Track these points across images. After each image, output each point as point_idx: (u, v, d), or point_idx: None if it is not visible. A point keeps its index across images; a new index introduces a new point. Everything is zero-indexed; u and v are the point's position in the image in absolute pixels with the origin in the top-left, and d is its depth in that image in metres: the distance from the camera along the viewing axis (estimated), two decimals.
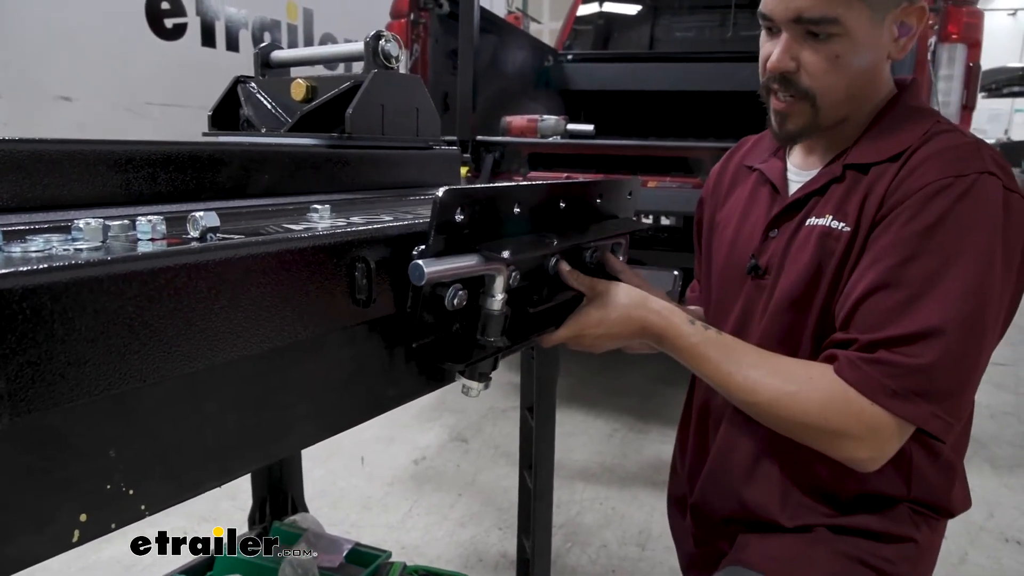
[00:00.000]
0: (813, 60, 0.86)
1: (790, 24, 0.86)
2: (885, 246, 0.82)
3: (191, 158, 0.76)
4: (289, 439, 0.66)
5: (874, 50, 0.87)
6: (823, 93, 0.88)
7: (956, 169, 0.81)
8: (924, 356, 0.77)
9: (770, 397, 0.84)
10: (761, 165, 1.04)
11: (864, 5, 0.83)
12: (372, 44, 0.99)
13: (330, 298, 0.62)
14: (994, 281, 0.79)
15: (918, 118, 0.90)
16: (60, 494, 0.48)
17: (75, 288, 0.43)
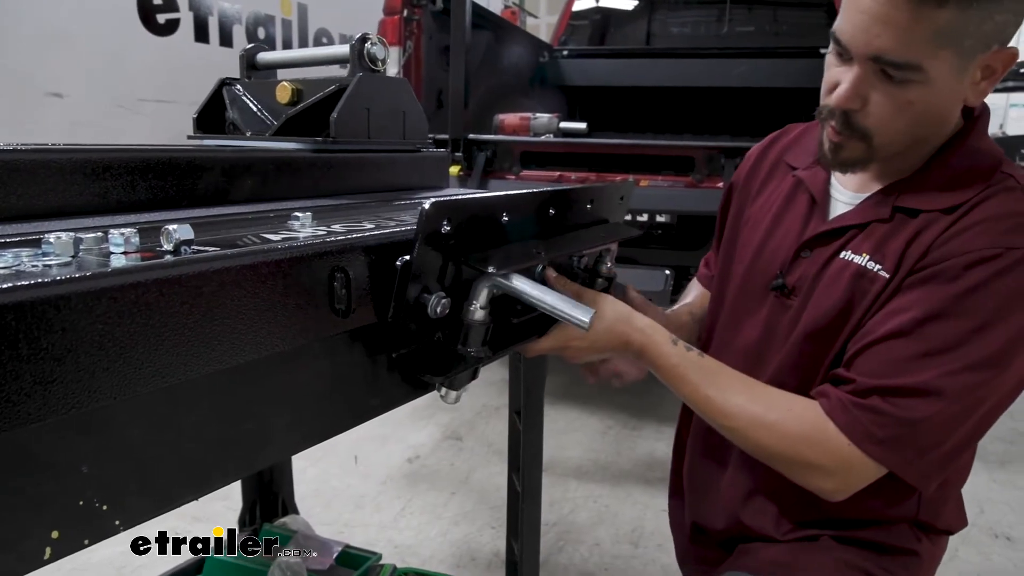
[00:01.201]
0: (882, 103, 0.80)
1: (866, 61, 0.78)
2: (916, 299, 0.79)
3: (171, 165, 0.75)
4: (269, 450, 0.65)
5: (952, 96, 0.81)
6: (881, 136, 0.82)
7: (1009, 241, 0.77)
8: (915, 412, 0.77)
9: (747, 423, 0.85)
10: (803, 173, 0.98)
11: (952, 53, 0.75)
12: (357, 47, 0.98)
13: (308, 309, 0.62)
14: (1018, 360, 0.77)
15: (981, 165, 0.84)
16: (31, 512, 0.47)
17: (42, 307, 0.42)
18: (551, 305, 0.75)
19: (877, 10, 0.74)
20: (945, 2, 0.71)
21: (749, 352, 0.98)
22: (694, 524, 1.08)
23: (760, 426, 0.84)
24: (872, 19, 0.75)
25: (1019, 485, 2.39)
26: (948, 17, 0.72)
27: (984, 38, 0.76)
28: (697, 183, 2.11)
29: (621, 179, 2.18)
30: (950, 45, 0.74)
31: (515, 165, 2.31)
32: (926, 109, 0.80)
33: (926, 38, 0.73)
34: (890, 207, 0.86)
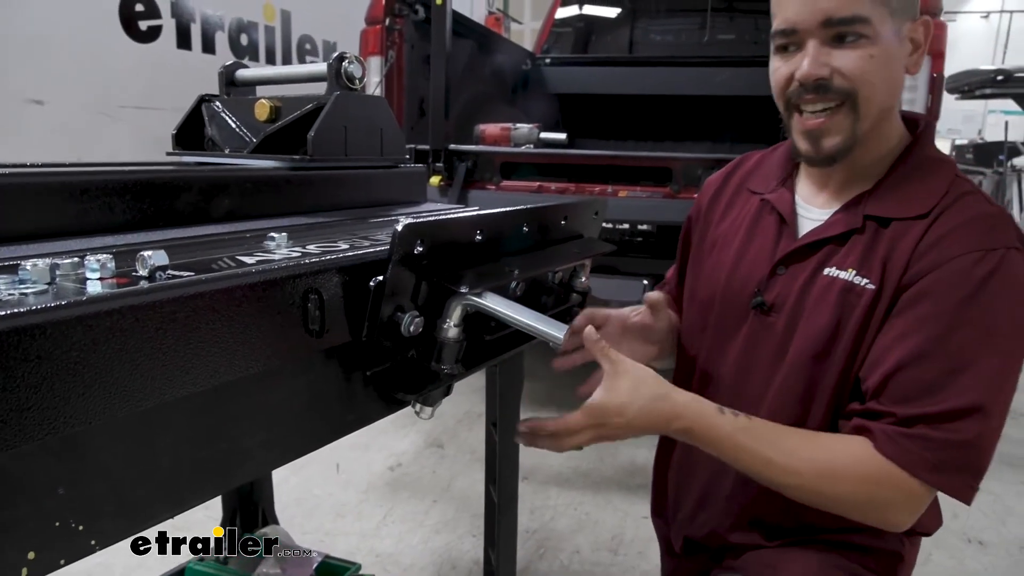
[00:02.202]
0: (847, 62, 0.84)
1: (818, 29, 0.84)
2: (920, 317, 0.82)
3: (149, 186, 0.77)
4: (245, 468, 0.67)
5: (899, 59, 0.87)
6: (864, 94, 0.85)
7: (987, 242, 0.81)
8: (966, 432, 0.80)
9: (813, 477, 0.84)
10: (771, 195, 1.01)
11: (887, 12, 0.84)
12: (335, 66, 0.99)
13: (283, 330, 0.63)
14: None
15: (937, 170, 0.89)
16: (7, 533, 0.48)
17: (18, 336, 0.43)
18: (524, 323, 0.76)
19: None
20: None
21: (738, 371, 0.99)
22: (685, 539, 1.09)
23: (826, 477, 0.84)
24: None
25: (993, 491, 2.43)
26: None
27: (904, 3, 0.85)
28: (675, 194, 2.15)
29: (600, 189, 2.21)
30: (883, 1, 0.83)
31: (496, 175, 2.33)
32: (885, 65, 0.85)
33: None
34: (860, 216, 0.89)
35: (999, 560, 2.04)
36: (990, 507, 2.32)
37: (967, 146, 10.92)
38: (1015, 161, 9.03)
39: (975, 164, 10.29)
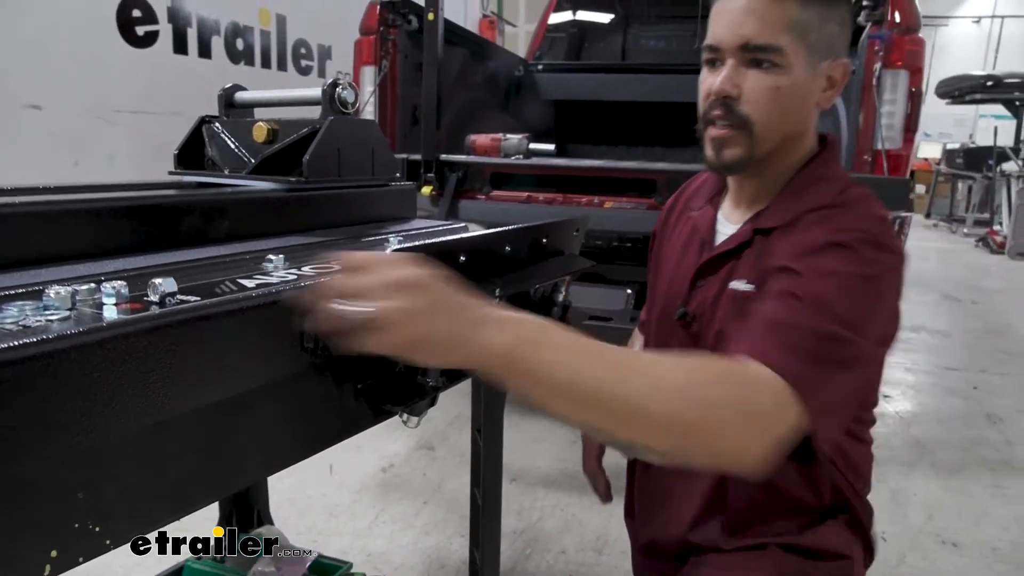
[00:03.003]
0: (754, 87, 0.91)
1: (737, 51, 0.91)
2: (771, 288, 0.86)
3: (156, 209, 0.82)
4: (244, 473, 0.73)
5: (807, 94, 0.94)
6: (760, 121, 0.92)
7: (837, 236, 0.85)
8: (820, 324, 0.79)
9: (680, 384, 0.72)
10: (695, 214, 1.09)
11: (802, 47, 0.90)
12: (329, 91, 1.05)
13: (280, 348, 0.69)
14: (876, 325, 0.84)
15: (823, 187, 0.95)
16: (33, 534, 0.54)
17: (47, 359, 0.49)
18: None
19: (741, 5, 0.90)
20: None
21: None
22: (648, 541, 1.16)
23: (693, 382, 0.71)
24: (738, 13, 0.90)
25: (970, 492, 2.50)
26: (795, 7, 0.89)
27: (825, 43, 0.92)
28: (659, 205, 2.21)
29: (586, 200, 2.27)
30: (800, 36, 0.89)
31: (486, 186, 2.38)
32: (789, 98, 0.92)
33: (781, 24, 0.89)
34: (751, 230, 0.97)
35: (972, 562, 2.10)
36: (965, 509, 2.39)
37: (958, 150, 11.05)
38: (1004, 166, 9.15)
39: (965, 169, 10.43)
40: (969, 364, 4.04)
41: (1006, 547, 2.16)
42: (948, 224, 10.83)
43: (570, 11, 5.07)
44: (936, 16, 13.99)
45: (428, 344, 0.61)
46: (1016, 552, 2.13)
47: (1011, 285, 6.78)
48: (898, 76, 2.26)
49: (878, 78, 2.26)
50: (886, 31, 2.25)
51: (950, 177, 11.19)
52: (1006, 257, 8.16)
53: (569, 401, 0.66)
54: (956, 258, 8.35)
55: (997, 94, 9.20)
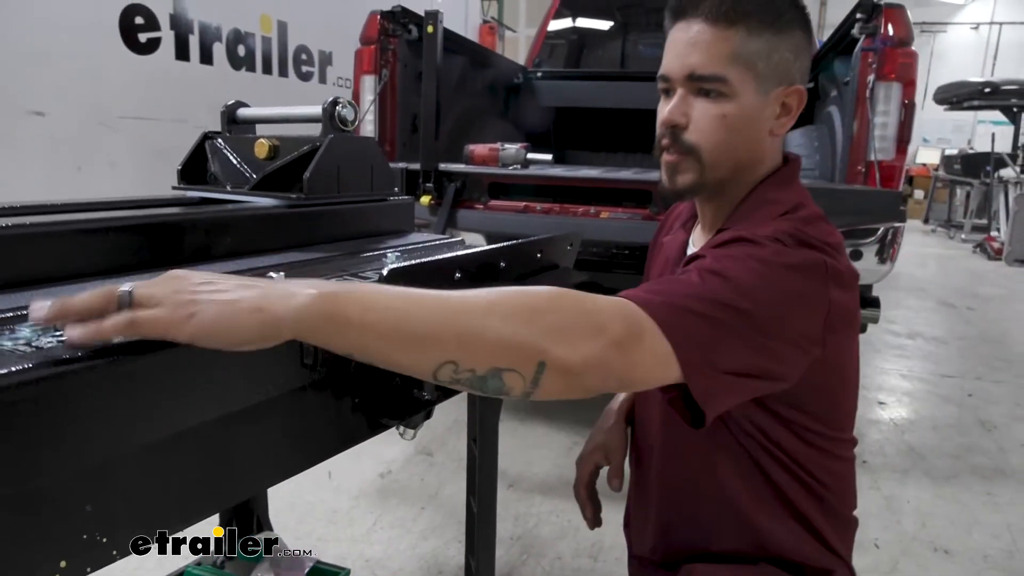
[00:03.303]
0: (701, 116, 0.94)
1: (685, 81, 0.94)
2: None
3: (161, 227, 0.85)
4: (245, 486, 0.75)
5: (757, 120, 0.95)
6: (708, 150, 0.94)
7: (757, 228, 0.86)
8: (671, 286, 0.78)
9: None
10: (667, 237, 1.13)
11: (750, 75, 0.92)
12: (329, 110, 1.08)
13: (281, 364, 0.72)
14: (780, 318, 0.81)
15: (771, 207, 0.95)
16: (43, 544, 0.56)
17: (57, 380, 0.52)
18: None
19: (687, 36, 0.92)
20: (734, 24, 0.90)
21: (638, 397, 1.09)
22: (644, 552, 1.17)
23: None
24: (684, 44, 0.93)
25: (962, 500, 2.53)
26: (740, 39, 0.90)
27: (775, 70, 0.93)
28: (654, 215, 2.24)
29: (583, 210, 2.30)
30: (746, 65, 0.91)
31: (484, 195, 2.41)
32: (738, 126, 0.93)
33: (726, 55, 0.91)
34: (708, 248, 0.96)
35: (964, 569, 2.13)
36: (957, 516, 2.41)
37: (956, 156, 11.10)
38: (1001, 172, 9.19)
39: (963, 174, 10.47)
40: (965, 371, 4.07)
41: (997, 554, 2.18)
42: (946, 230, 10.87)
43: (570, 18, 5.11)
44: (935, 22, 14.05)
45: (218, 316, 0.57)
46: (1007, 559, 2.16)
47: (1008, 292, 6.81)
48: (891, 88, 2.29)
49: (871, 90, 2.29)
50: (879, 43, 2.28)
51: (948, 183, 11.23)
52: (1003, 263, 8.18)
53: (390, 340, 0.61)
54: (953, 264, 8.39)
55: (994, 101, 9.24)
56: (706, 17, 0.91)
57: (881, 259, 2.35)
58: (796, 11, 0.95)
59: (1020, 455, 2.92)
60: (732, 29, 0.90)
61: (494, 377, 0.65)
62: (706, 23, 0.91)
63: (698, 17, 0.92)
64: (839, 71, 2.80)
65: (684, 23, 0.93)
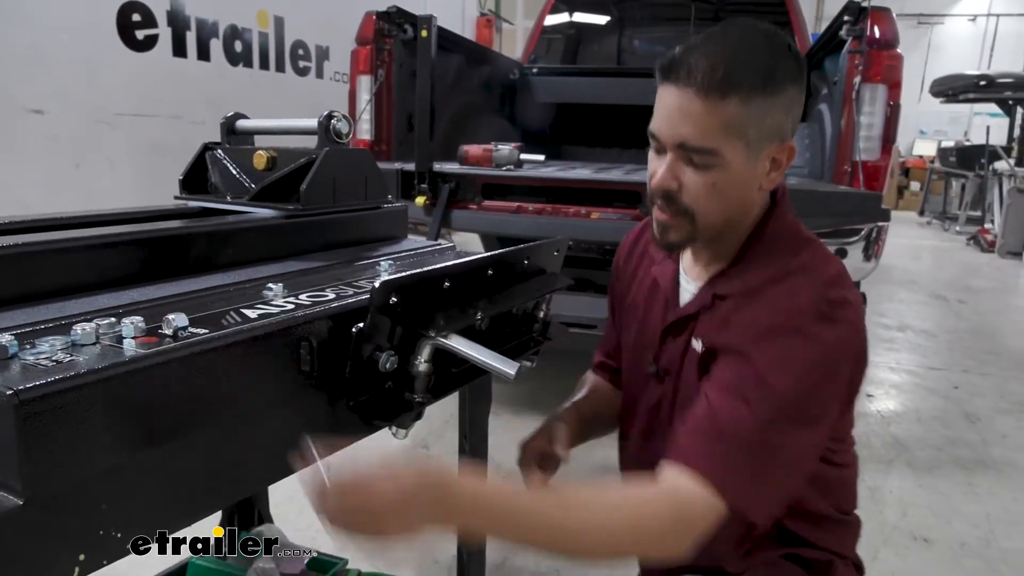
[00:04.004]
0: (693, 184, 0.93)
1: (675, 148, 0.93)
2: (721, 371, 0.91)
3: (165, 240, 0.90)
4: (246, 484, 0.81)
5: (748, 181, 0.95)
6: (701, 214, 0.95)
7: (794, 321, 0.89)
8: (742, 425, 0.86)
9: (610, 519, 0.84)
10: (656, 268, 1.12)
11: (741, 143, 0.91)
12: (324, 123, 1.13)
13: (280, 371, 0.77)
14: (816, 408, 0.89)
15: (776, 249, 0.98)
16: (65, 540, 0.62)
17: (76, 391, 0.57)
18: (481, 360, 0.90)
19: (678, 105, 0.91)
20: (726, 96, 0.88)
21: (642, 434, 1.12)
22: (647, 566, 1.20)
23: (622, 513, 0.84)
24: (675, 112, 0.92)
25: (943, 491, 2.59)
26: (732, 110, 0.89)
27: (767, 132, 0.92)
28: (643, 216, 2.29)
29: (574, 211, 2.35)
30: (738, 135, 0.91)
31: (477, 196, 2.46)
32: (729, 191, 0.94)
33: (717, 127, 0.90)
34: (710, 296, 1.00)
35: (942, 557, 2.19)
36: (940, 506, 2.48)
37: (951, 149, 11.14)
38: (996, 165, 9.24)
39: (958, 167, 10.51)
40: (952, 364, 4.13)
41: (974, 542, 2.25)
42: (941, 222, 10.92)
43: (566, 12, 5.14)
44: (932, 14, 14.05)
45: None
46: (984, 548, 2.23)
47: (999, 284, 6.87)
48: (876, 90, 2.34)
49: (857, 91, 2.34)
50: (865, 46, 2.33)
51: (944, 175, 11.27)
52: (996, 256, 8.25)
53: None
54: (947, 257, 8.45)
55: (990, 94, 9.28)
56: (698, 89, 0.89)
57: (866, 256, 2.41)
58: (788, 65, 0.94)
59: (1002, 447, 2.99)
60: (724, 101, 0.89)
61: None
62: (697, 95, 0.89)
63: (689, 87, 0.90)
64: (829, 69, 2.84)
65: (675, 88, 0.91)
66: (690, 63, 0.90)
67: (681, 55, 0.92)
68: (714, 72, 0.88)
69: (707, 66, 0.89)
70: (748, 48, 0.92)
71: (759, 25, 0.96)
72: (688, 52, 0.91)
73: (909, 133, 13.86)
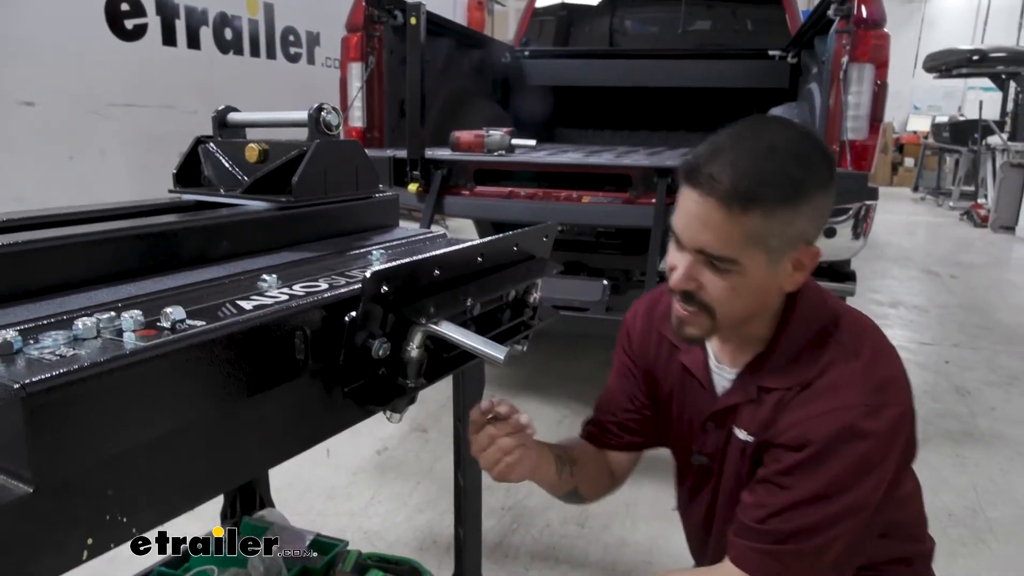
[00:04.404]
0: (712, 286, 0.94)
1: (694, 252, 0.93)
2: (778, 470, 0.95)
3: (161, 235, 0.93)
4: (247, 468, 0.84)
5: (769, 285, 0.95)
6: (721, 313, 0.96)
7: (846, 420, 0.91)
8: (798, 520, 0.92)
9: None
10: (685, 359, 1.12)
11: (762, 251, 0.90)
12: (314, 116, 1.15)
13: (276, 360, 0.80)
14: (870, 497, 0.93)
15: (814, 333, 0.98)
16: (73, 524, 0.65)
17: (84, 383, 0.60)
18: (471, 346, 0.93)
19: (699, 212, 0.91)
20: (749, 210, 0.88)
21: (705, 524, 1.16)
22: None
23: None
24: (696, 219, 0.91)
25: (931, 463, 2.64)
26: (754, 222, 0.88)
27: (789, 240, 0.92)
28: (634, 199, 2.31)
29: (565, 195, 2.37)
30: (759, 245, 0.90)
31: (469, 182, 2.48)
32: (748, 294, 0.94)
33: (738, 238, 0.89)
34: (755, 387, 1.01)
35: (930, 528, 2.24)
36: (926, 478, 2.49)
37: (945, 124, 11.13)
38: (989, 140, 9.25)
39: (951, 142, 10.52)
40: (943, 339, 4.18)
41: (961, 512, 2.30)
42: (935, 198, 10.95)
43: None
44: None
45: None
46: (971, 518, 2.28)
47: (991, 259, 6.92)
48: (864, 70, 2.35)
49: (845, 71, 2.36)
50: (852, 25, 2.34)
51: (937, 150, 11.28)
52: (989, 230, 8.29)
53: None
54: (940, 232, 8.49)
55: (983, 68, 9.26)
56: (719, 199, 0.88)
57: (855, 235, 2.44)
58: (817, 173, 0.92)
59: (990, 419, 3.04)
60: (746, 215, 0.88)
61: None
62: (719, 206, 0.88)
63: (711, 197, 0.89)
64: (819, 49, 2.86)
65: (697, 195, 0.90)
66: (713, 172, 0.89)
67: (705, 161, 0.90)
68: (737, 185, 0.87)
69: (730, 178, 0.87)
70: (775, 158, 0.90)
71: (789, 128, 0.94)
72: (712, 158, 0.90)
73: (903, 109, 13.83)
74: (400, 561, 1.57)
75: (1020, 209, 7.98)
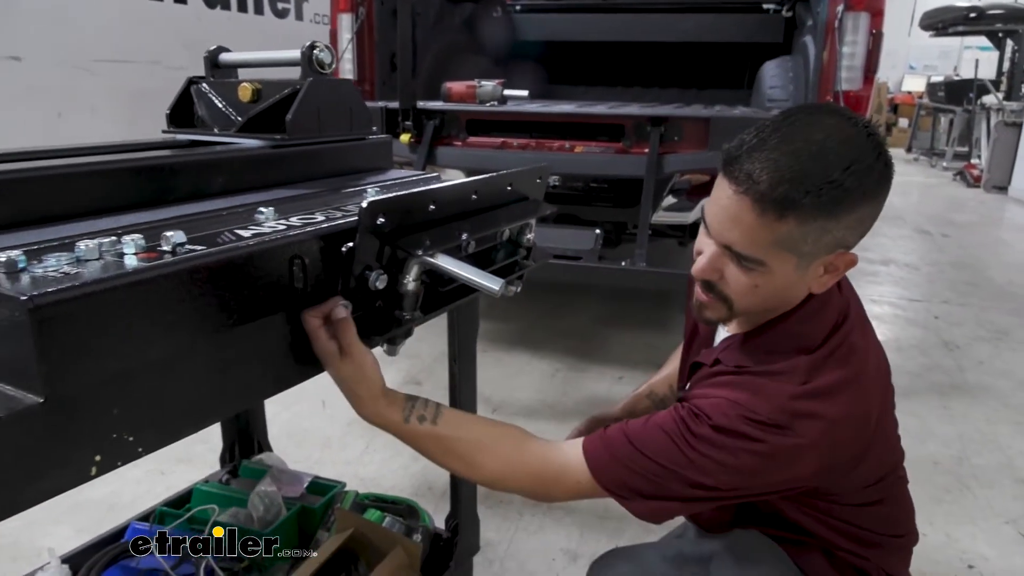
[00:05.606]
0: (734, 280, 0.91)
1: (720, 245, 0.90)
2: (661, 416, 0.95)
3: (160, 169, 0.93)
4: (248, 395, 0.86)
5: (795, 287, 0.92)
6: (740, 306, 0.94)
7: (739, 413, 0.88)
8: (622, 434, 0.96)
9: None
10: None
11: (792, 256, 0.86)
12: (307, 54, 1.14)
13: (275, 288, 0.81)
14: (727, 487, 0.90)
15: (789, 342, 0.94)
16: (80, 442, 0.66)
17: (86, 299, 0.61)
18: (467, 277, 0.94)
19: (730, 208, 0.86)
20: (784, 217, 0.83)
21: None
22: None
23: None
24: (726, 214, 0.87)
25: (919, 414, 2.70)
26: (788, 229, 0.84)
27: (825, 246, 0.87)
28: (627, 149, 2.31)
29: (558, 145, 2.36)
30: (790, 249, 0.86)
31: (462, 132, 2.46)
32: (769, 293, 0.92)
33: (768, 241, 0.85)
34: (712, 360, 1.01)
35: (915, 474, 2.23)
36: (914, 428, 2.58)
37: (940, 84, 11.07)
38: (984, 99, 9.21)
39: (946, 102, 10.47)
40: (932, 295, 4.22)
41: (947, 460, 2.36)
42: (928, 158, 10.94)
43: None
44: None
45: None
46: (956, 465, 2.34)
47: (982, 219, 6.95)
48: (859, 19, 2.34)
49: (840, 20, 2.34)
50: None
51: (932, 111, 11.23)
52: (981, 190, 8.31)
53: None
54: (933, 192, 8.50)
55: (980, 26, 9.19)
56: (754, 201, 0.83)
57: None
58: (866, 180, 0.84)
59: (978, 372, 3.09)
60: (780, 221, 0.83)
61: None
62: (753, 207, 0.84)
63: (747, 196, 0.84)
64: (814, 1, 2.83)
65: (732, 189, 0.86)
66: (752, 170, 0.83)
67: (747, 152, 0.85)
68: (774, 189, 0.82)
69: (769, 180, 0.82)
70: (822, 161, 0.82)
71: (847, 124, 0.85)
72: (754, 152, 0.84)
73: (898, 68, 13.72)
74: (398, 501, 1.60)
75: (1013, 169, 7.99)
